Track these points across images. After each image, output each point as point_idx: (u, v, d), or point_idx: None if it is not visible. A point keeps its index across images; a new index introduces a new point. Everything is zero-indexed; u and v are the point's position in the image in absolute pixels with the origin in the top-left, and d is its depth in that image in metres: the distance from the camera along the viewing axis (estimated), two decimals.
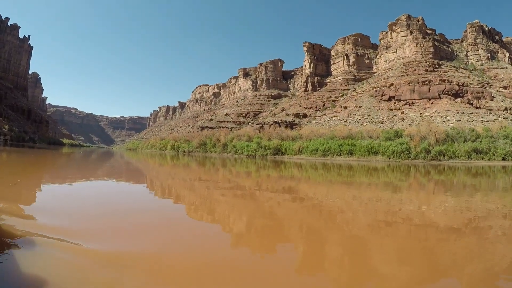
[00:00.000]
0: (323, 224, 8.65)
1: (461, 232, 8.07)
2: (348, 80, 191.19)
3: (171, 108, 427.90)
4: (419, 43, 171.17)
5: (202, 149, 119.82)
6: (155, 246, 6.01)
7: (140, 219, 8.15)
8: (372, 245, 6.85)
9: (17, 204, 8.82)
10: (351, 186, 20.29)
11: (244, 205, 11.13)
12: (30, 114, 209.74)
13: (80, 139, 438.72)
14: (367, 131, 77.50)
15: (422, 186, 21.57)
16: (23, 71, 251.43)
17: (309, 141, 76.79)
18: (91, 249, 5.32)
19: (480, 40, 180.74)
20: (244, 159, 71.24)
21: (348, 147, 67.12)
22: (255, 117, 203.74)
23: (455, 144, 61.42)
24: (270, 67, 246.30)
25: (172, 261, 5.20)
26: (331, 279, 4.97)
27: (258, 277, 4.76)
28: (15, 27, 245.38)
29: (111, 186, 15.24)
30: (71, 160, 39.76)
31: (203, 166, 39.46)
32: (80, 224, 6.98)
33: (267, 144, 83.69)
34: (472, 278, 5.02)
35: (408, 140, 63.61)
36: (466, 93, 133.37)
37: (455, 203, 12.63)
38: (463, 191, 17.77)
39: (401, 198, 14.78)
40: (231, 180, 22.12)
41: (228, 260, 5.49)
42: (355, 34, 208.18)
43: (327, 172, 34.68)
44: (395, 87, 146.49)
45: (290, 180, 24.05)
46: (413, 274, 5.10)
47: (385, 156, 62.12)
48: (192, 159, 59.91)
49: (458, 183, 23.53)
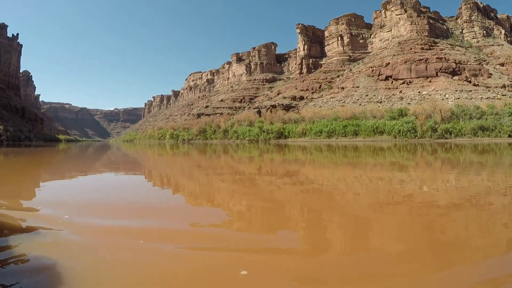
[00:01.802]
0: (335, 206, 8.26)
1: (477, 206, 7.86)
2: (343, 60, 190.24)
3: (165, 97, 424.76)
4: (414, 21, 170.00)
5: (202, 137, 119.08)
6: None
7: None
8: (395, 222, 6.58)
9: (15, 201, 8.49)
10: (357, 167, 19.39)
11: (252, 191, 10.72)
12: (24, 112, 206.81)
13: (75, 134, 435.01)
14: (370, 110, 77.07)
15: (430, 164, 21.12)
16: (14, 70, 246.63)
17: (312, 123, 76.32)
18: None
19: (475, 17, 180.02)
20: (246, 144, 70.34)
21: (353, 127, 66.72)
22: (251, 101, 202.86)
23: (460, 122, 61.26)
24: (263, 51, 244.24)
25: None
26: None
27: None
28: (2, 26, 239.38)
29: (115, 179, 14.40)
30: (69, 155, 38.86)
31: (205, 154, 38.33)
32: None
33: (269, 128, 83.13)
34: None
35: (414, 118, 63.37)
36: (463, 71, 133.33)
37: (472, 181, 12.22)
38: (480, 168, 17.41)
39: (416, 176, 14.46)
40: (239, 167, 21.41)
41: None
42: (348, 14, 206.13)
43: (332, 153, 33.66)
44: (391, 66, 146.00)
45: (294, 163, 23.49)
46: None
47: (391, 135, 61.81)
48: (192, 147, 58.57)
49: (466, 161, 23.18)
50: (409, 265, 4.23)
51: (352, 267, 4.24)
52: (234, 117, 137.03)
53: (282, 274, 3.93)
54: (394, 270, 4.07)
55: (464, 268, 4.22)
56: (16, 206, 7.73)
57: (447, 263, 4.22)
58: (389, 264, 4.29)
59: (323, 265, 4.30)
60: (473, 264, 4.33)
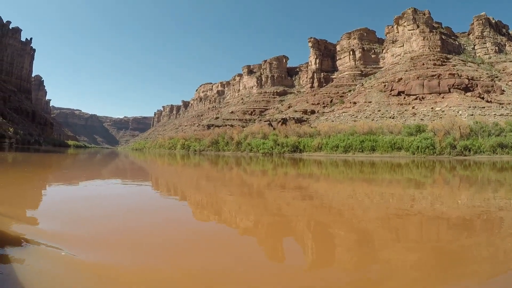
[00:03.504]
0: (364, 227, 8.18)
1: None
2: (355, 75, 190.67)
3: (175, 107, 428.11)
4: (426, 36, 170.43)
5: (214, 148, 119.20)
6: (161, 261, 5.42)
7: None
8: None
9: (20, 208, 8.54)
10: (375, 183, 19.43)
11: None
12: (34, 116, 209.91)
13: (84, 140, 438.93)
14: (387, 126, 77.04)
15: (447, 182, 20.93)
16: (26, 74, 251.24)
17: (328, 138, 76.36)
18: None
19: (487, 33, 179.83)
20: (260, 157, 69.40)
21: (370, 143, 66.61)
22: (261, 114, 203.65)
23: (479, 139, 60.99)
24: (274, 64, 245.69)
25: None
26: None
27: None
28: (16, 30, 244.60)
29: (128, 193, 13.41)
30: (82, 161, 39.05)
31: (216, 165, 37.87)
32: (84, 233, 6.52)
33: (284, 141, 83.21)
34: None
35: (432, 135, 63.24)
36: (476, 87, 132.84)
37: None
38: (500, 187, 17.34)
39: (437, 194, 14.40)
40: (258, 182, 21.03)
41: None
42: (360, 28, 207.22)
43: (348, 169, 33.45)
44: (404, 81, 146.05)
45: (308, 178, 23.46)
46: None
47: (409, 152, 61.59)
48: (204, 158, 57.76)
49: (484, 179, 23.02)
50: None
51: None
52: (244, 129, 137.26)
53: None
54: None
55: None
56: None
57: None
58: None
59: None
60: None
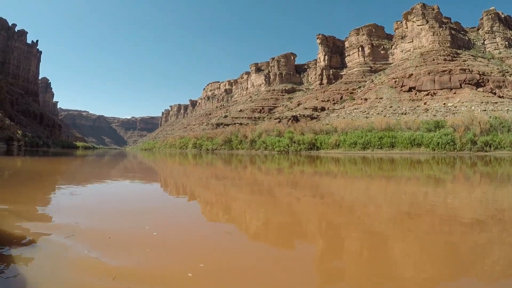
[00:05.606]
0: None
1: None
2: (364, 71, 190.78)
3: (183, 107, 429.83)
4: (436, 32, 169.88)
5: (227, 147, 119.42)
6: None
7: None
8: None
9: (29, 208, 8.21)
10: (397, 180, 18.86)
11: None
12: (42, 118, 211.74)
13: (92, 141, 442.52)
14: (405, 122, 77.30)
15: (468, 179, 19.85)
16: (33, 76, 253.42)
17: (346, 134, 76.75)
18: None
19: (496, 28, 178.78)
20: (275, 155, 67.48)
21: (389, 139, 66.90)
22: (270, 112, 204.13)
23: (499, 134, 61.20)
24: (282, 61, 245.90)
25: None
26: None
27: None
28: (22, 33, 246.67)
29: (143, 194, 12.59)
30: (94, 163, 38.06)
31: (230, 164, 36.63)
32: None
33: (300, 138, 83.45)
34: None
35: (452, 131, 63.50)
36: (487, 82, 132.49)
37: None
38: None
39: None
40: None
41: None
42: (369, 24, 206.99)
43: (367, 166, 32.35)
44: (415, 77, 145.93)
45: (325, 175, 22.61)
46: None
47: (429, 148, 61.85)
48: (218, 158, 55.41)
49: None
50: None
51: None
52: (257, 127, 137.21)
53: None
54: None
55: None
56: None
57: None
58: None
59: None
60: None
